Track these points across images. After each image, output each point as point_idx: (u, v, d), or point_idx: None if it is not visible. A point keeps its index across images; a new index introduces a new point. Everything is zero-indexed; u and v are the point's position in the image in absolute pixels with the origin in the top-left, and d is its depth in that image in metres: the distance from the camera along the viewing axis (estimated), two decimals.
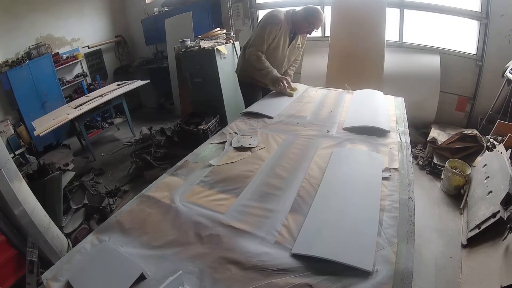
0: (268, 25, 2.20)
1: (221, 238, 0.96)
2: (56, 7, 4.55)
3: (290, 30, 2.28)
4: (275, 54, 2.32)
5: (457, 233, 2.11)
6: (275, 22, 2.18)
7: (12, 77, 3.87)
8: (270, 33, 2.19)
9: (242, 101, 3.25)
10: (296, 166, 1.34)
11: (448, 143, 2.80)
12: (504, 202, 1.82)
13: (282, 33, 2.23)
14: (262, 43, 2.22)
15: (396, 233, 0.93)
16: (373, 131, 1.58)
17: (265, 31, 2.19)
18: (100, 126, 4.68)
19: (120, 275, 0.84)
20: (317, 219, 1.00)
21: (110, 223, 1.07)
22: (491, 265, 1.63)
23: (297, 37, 2.36)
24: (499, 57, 2.98)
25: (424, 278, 1.79)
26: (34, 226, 1.84)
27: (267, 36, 2.20)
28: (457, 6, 3.22)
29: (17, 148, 3.89)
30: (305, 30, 2.26)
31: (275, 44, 2.26)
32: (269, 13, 2.27)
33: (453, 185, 2.47)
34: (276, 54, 2.32)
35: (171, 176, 1.34)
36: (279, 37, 2.24)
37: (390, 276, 0.79)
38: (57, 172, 2.63)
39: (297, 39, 2.38)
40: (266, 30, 2.19)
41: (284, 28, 2.23)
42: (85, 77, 5.04)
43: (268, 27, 2.19)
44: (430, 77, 3.33)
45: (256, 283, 0.80)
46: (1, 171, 1.67)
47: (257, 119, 1.89)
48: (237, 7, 4.56)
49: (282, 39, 2.27)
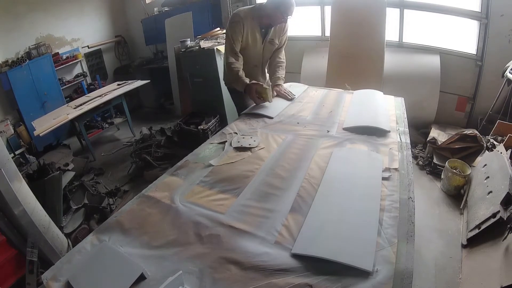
0: (229, 27, 2.07)
1: (221, 238, 0.96)
2: (56, 7, 4.55)
3: (261, 25, 2.09)
4: (248, 54, 2.17)
5: (457, 233, 2.11)
6: (235, 21, 2.04)
7: (12, 77, 3.87)
8: (234, 33, 2.04)
9: None
10: (296, 166, 1.34)
11: (448, 143, 2.79)
12: (504, 202, 1.82)
13: (248, 30, 2.05)
14: (230, 47, 2.08)
15: (396, 233, 0.93)
16: (373, 131, 1.58)
17: (228, 34, 2.08)
18: (100, 126, 4.68)
19: (120, 275, 0.84)
20: (317, 219, 1.00)
21: (110, 223, 1.07)
22: (491, 265, 1.63)
23: (270, 31, 2.14)
24: (499, 57, 2.97)
25: (424, 278, 1.79)
26: (34, 226, 1.84)
27: (232, 37, 2.05)
28: (457, 6, 3.22)
29: (17, 148, 3.89)
30: (280, 21, 2.06)
31: (245, 43, 2.10)
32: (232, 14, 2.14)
33: (453, 185, 2.47)
34: (249, 53, 2.17)
35: (171, 176, 1.34)
36: (246, 35, 2.06)
37: (390, 276, 0.79)
38: (57, 172, 2.63)
39: (269, 34, 2.16)
40: (229, 32, 2.07)
41: (249, 25, 2.05)
42: (85, 77, 5.04)
43: (230, 29, 2.06)
44: (430, 77, 3.33)
45: (256, 283, 0.80)
46: (1, 171, 1.67)
47: (257, 119, 1.89)
48: (237, 7, 4.55)
49: (251, 36, 2.09)
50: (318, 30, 4.25)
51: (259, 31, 2.11)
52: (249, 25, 2.05)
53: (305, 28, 4.37)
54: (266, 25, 2.11)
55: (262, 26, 2.11)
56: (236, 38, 2.05)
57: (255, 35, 2.11)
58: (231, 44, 2.07)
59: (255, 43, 2.14)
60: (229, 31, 2.07)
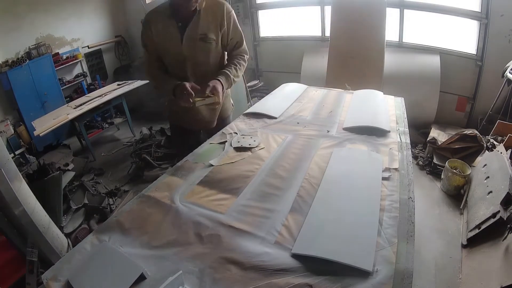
0: (141, 34, 1.64)
1: (221, 238, 0.96)
2: (56, 7, 4.54)
3: (176, 19, 1.55)
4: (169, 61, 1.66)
5: (457, 233, 2.11)
6: (143, 28, 1.62)
7: (12, 77, 3.86)
8: (144, 42, 1.62)
9: (242, 101, 3.17)
10: (296, 166, 1.34)
11: (448, 143, 2.80)
12: (504, 202, 1.82)
13: (158, 30, 1.57)
14: (146, 60, 1.68)
15: (396, 233, 0.93)
16: (373, 131, 1.58)
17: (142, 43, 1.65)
18: (100, 126, 4.68)
19: (120, 275, 0.84)
20: (317, 219, 1.00)
21: (110, 223, 1.07)
22: (491, 265, 1.64)
23: (191, 24, 1.55)
24: (499, 57, 2.98)
25: (424, 278, 1.79)
26: (34, 226, 1.84)
27: (145, 48, 1.64)
28: (457, 6, 3.22)
29: (17, 148, 3.88)
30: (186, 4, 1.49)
31: (161, 48, 1.62)
32: None
33: (453, 185, 2.47)
34: (169, 58, 1.65)
35: (171, 176, 1.33)
36: (157, 38, 1.58)
37: (390, 276, 0.79)
38: (57, 172, 2.64)
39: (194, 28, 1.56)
40: (142, 40, 1.65)
41: (157, 23, 1.56)
42: (85, 77, 5.03)
43: (142, 40, 1.65)
44: (430, 77, 3.33)
45: (256, 283, 0.80)
46: (1, 171, 1.67)
47: (257, 119, 1.88)
48: (237, 7, 4.56)
49: (163, 36, 1.58)
50: (318, 30, 4.26)
51: (176, 26, 1.56)
52: (160, 22, 1.56)
53: (305, 28, 4.38)
54: (185, 16, 1.55)
55: (180, 19, 1.56)
56: (149, 49, 1.63)
57: (170, 33, 1.57)
58: (146, 57, 1.67)
59: (172, 43, 1.58)
60: (141, 38, 1.65)
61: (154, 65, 1.66)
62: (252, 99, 4.11)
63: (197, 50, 1.61)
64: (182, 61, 1.62)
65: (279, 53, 4.59)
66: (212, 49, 1.65)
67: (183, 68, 1.64)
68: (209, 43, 1.61)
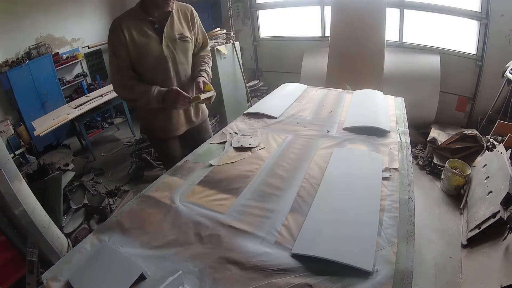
0: (109, 46, 1.52)
1: (221, 238, 0.96)
2: (56, 7, 4.54)
3: (151, 21, 1.52)
4: (148, 64, 1.55)
5: (457, 233, 2.11)
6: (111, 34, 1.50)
7: (12, 77, 3.86)
8: (114, 51, 1.49)
9: (242, 101, 3.15)
10: (296, 166, 1.34)
11: (448, 143, 2.80)
12: (504, 202, 1.82)
13: (132, 34, 1.48)
14: (118, 70, 1.52)
15: (396, 233, 0.93)
16: (373, 131, 1.58)
17: (110, 55, 1.53)
18: (100, 126, 4.68)
19: (120, 275, 0.84)
20: (317, 219, 1.00)
21: (110, 223, 1.07)
22: (491, 265, 1.64)
23: (167, 25, 1.54)
24: (499, 57, 2.98)
25: (424, 278, 1.79)
26: (34, 226, 1.84)
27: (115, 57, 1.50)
28: (457, 6, 3.22)
29: (17, 148, 3.88)
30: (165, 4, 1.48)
31: (138, 53, 1.51)
32: None
33: (453, 185, 2.47)
34: (149, 62, 1.55)
35: (171, 176, 1.34)
36: (132, 42, 1.48)
37: (390, 276, 0.79)
38: (57, 172, 2.64)
39: (171, 28, 1.56)
40: (110, 53, 1.52)
41: (130, 27, 1.48)
42: (85, 77, 5.03)
43: (109, 49, 1.52)
44: (430, 77, 3.33)
45: (256, 283, 0.80)
46: (1, 171, 1.67)
47: (257, 119, 1.88)
48: (237, 7, 4.56)
49: (140, 39, 1.50)
50: (318, 30, 4.26)
51: (151, 28, 1.53)
52: (133, 25, 1.49)
53: (305, 28, 4.38)
54: (159, 18, 1.54)
55: (154, 21, 1.53)
56: (120, 58, 1.49)
57: (146, 35, 1.51)
58: (117, 67, 1.51)
59: (150, 45, 1.52)
60: (109, 47, 1.52)
61: (128, 75, 1.53)
62: (252, 99, 4.11)
63: (177, 50, 1.60)
64: (163, 63, 1.58)
65: (279, 53, 4.59)
66: (190, 48, 1.67)
67: (165, 70, 1.59)
68: (187, 42, 1.64)
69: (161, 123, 1.69)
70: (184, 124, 1.76)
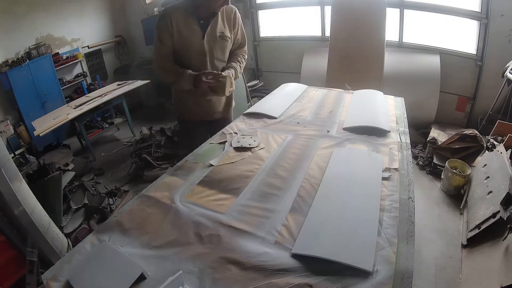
0: (156, 31, 1.71)
1: (221, 238, 0.96)
2: (56, 7, 4.54)
3: (198, 17, 1.68)
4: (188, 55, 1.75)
5: (457, 233, 2.11)
6: (160, 16, 1.70)
7: (12, 77, 3.87)
8: (161, 36, 1.68)
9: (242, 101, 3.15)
10: (296, 166, 1.34)
11: (448, 143, 2.80)
12: (504, 202, 1.82)
13: (179, 25, 1.66)
14: (160, 54, 1.73)
15: (396, 233, 0.93)
16: (373, 131, 1.58)
17: (156, 39, 1.72)
18: (100, 126, 4.68)
19: (120, 275, 0.84)
20: (317, 219, 1.00)
21: (110, 223, 1.07)
22: (491, 265, 1.64)
23: (216, 23, 1.72)
24: (499, 57, 2.98)
25: (424, 278, 1.79)
26: (34, 226, 1.84)
27: (160, 42, 1.70)
28: (457, 6, 3.22)
29: (17, 148, 3.89)
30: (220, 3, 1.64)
31: (179, 42, 1.71)
32: None
33: (453, 185, 2.47)
34: (189, 54, 1.74)
35: (171, 176, 1.33)
36: (178, 33, 1.67)
37: (390, 276, 0.79)
38: (57, 172, 2.64)
39: (214, 26, 1.72)
40: (156, 37, 1.71)
41: (181, 18, 1.66)
42: (85, 77, 5.03)
43: (156, 34, 1.71)
44: (430, 77, 3.33)
45: (256, 283, 0.80)
46: (1, 171, 1.67)
47: (257, 119, 1.88)
48: (237, 7, 4.56)
49: (185, 32, 1.68)
50: (318, 30, 4.26)
51: (197, 23, 1.68)
52: (181, 18, 1.66)
53: (305, 28, 4.38)
54: (206, 15, 1.69)
55: (201, 17, 1.69)
56: (164, 44, 1.69)
57: (192, 29, 1.68)
58: (160, 52, 1.72)
59: (193, 38, 1.71)
60: (156, 37, 1.70)
61: (168, 59, 1.74)
62: (252, 99, 4.11)
63: (216, 47, 1.77)
64: (202, 56, 1.76)
65: (279, 53, 4.59)
66: (228, 46, 1.84)
67: (202, 63, 1.77)
68: (226, 41, 1.80)
69: (192, 106, 1.89)
70: (212, 113, 1.95)
